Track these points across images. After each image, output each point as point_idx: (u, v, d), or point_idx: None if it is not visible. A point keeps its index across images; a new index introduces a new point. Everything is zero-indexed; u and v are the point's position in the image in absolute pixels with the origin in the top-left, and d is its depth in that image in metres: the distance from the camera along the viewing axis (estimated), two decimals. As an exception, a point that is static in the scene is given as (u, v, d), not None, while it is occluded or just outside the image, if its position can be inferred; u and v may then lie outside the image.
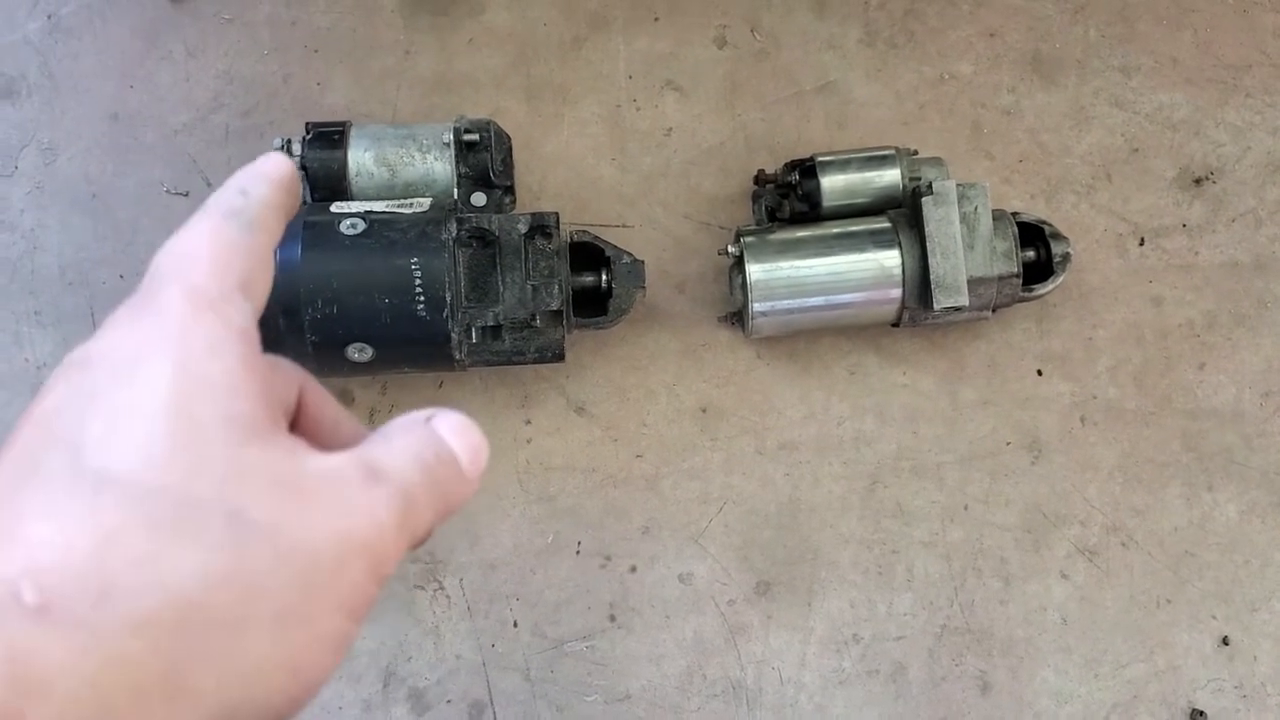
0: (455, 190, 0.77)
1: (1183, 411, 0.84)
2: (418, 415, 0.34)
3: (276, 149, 0.77)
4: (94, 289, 0.85)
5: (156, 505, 0.27)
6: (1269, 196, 0.87)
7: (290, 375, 0.36)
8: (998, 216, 0.78)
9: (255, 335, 0.31)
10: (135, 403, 0.28)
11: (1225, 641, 0.81)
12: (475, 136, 0.77)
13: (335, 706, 0.80)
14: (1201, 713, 0.80)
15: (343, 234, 0.72)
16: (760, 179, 0.84)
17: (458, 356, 0.74)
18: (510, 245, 0.74)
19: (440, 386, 0.84)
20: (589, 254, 0.79)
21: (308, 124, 0.78)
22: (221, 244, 0.32)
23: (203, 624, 0.26)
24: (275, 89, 0.88)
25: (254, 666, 0.27)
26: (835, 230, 0.79)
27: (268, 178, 0.35)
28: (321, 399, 0.37)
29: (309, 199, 0.78)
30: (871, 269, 0.78)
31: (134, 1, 0.89)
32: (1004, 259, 0.77)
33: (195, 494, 0.27)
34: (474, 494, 0.34)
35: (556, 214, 0.76)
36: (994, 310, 0.80)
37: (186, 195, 0.86)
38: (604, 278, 0.78)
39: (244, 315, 0.31)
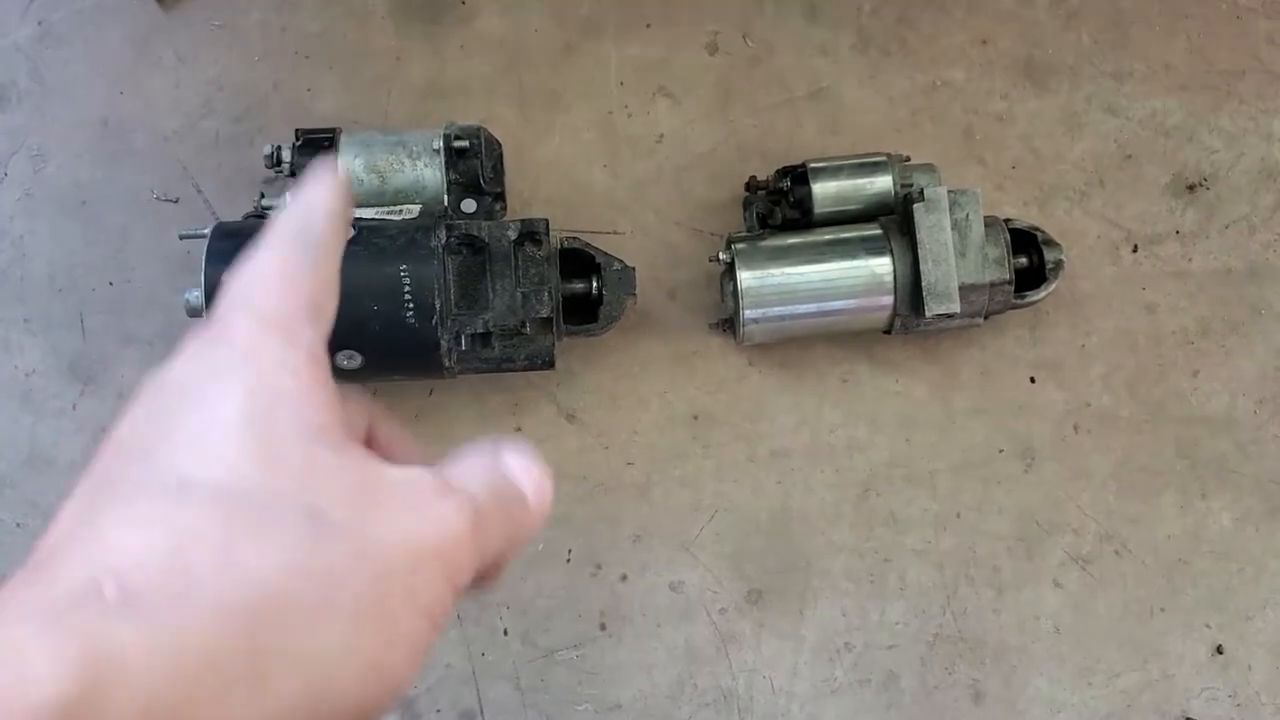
0: (445, 197, 0.77)
1: (1176, 419, 0.84)
2: (486, 444, 0.35)
3: (266, 155, 0.77)
4: (84, 296, 0.84)
5: (236, 505, 0.28)
6: (1262, 203, 0.87)
7: (360, 405, 0.37)
8: (990, 223, 0.78)
9: (325, 358, 0.33)
10: (212, 417, 0.29)
11: (1219, 650, 0.81)
12: (465, 143, 0.77)
13: (324, 716, 0.79)
14: (1195, 722, 0.80)
15: (331, 241, 0.72)
16: (752, 185, 0.84)
17: (447, 364, 0.74)
18: (500, 252, 0.74)
19: (431, 394, 0.84)
20: (580, 261, 0.78)
21: (298, 130, 0.78)
22: (288, 269, 0.33)
23: (282, 615, 0.27)
24: (266, 95, 0.88)
25: (334, 660, 0.28)
26: (827, 237, 0.79)
27: (328, 199, 0.36)
28: (392, 429, 0.38)
29: (298, 206, 0.77)
30: (863, 276, 0.77)
31: (125, 8, 0.88)
32: (996, 266, 0.77)
33: (274, 494, 0.28)
34: (538, 530, 0.35)
35: (546, 220, 0.75)
36: (986, 317, 0.80)
37: (176, 201, 0.86)
38: (595, 284, 0.78)
39: (312, 338, 0.32)
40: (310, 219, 0.35)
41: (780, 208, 0.82)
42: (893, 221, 0.79)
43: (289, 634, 0.27)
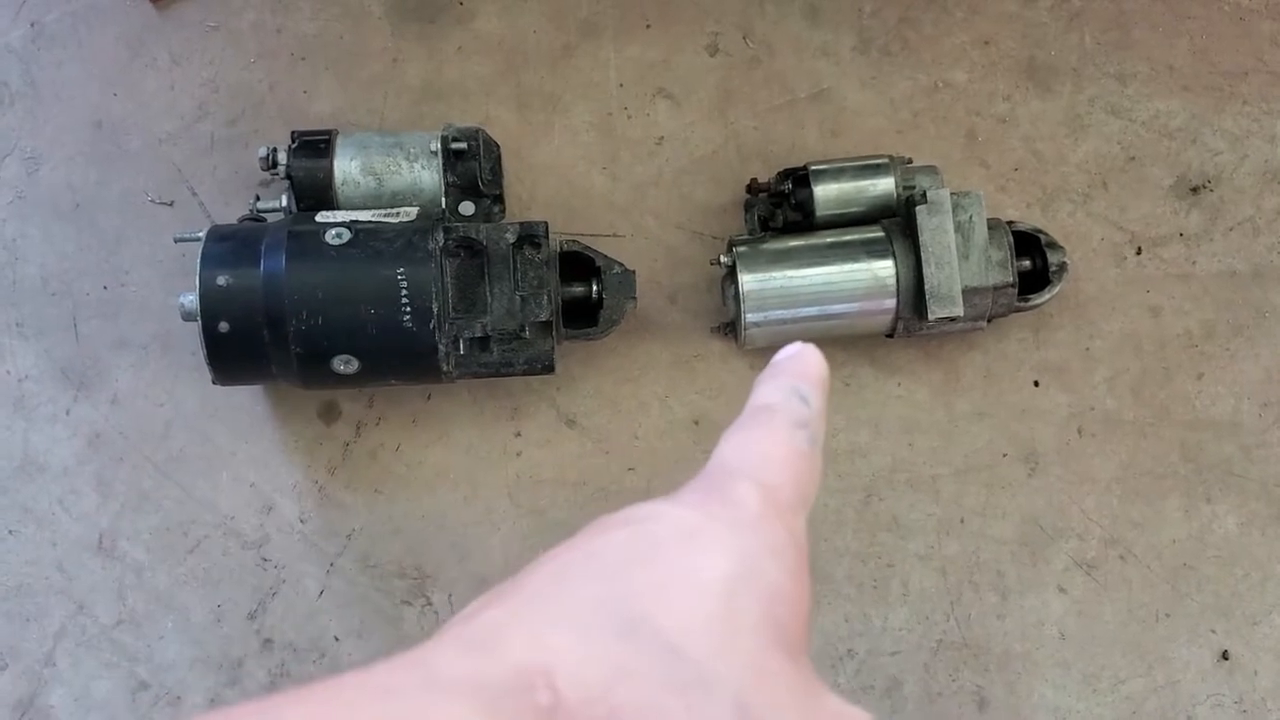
0: (443, 199, 0.76)
1: (1181, 422, 0.83)
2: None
3: (262, 158, 0.76)
4: (77, 299, 0.83)
5: (675, 666, 0.27)
6: (1266, 205, 0.87)
7: None
8: (993, 226, 0.77)
9: (807, 552, 0.33)
10: (690, 570, 0.29)
11: (1225, 656, 0.80)
12: (463, 145, 0.76)
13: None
14: (1201, 729, 0.79)
15: (328, 244, 0.71)
16: (753, 188, 0.83)
17: (445, 368, 0.73)
18: (498, 255, 0.73)
19: (429, 399, 0.83)
20: (579, 264, 0.78)
21: (293, 132, 0.77)
22: (794, 455, 0.34)
23: None
24: (261, 97, 0.87)
25: None
26: (829, 240, 0.78)
27: (823, 384, 0.36)
28: None
29: (294, 208, 0.77)
30: (865, 279, 0.76)
31: (118, 9, 0.87)
32: (999, 269, 0.76)
33: (715, 672, 0.28)
34: None
35: (545, 223, 0.75)
36: (990, 320, 0.79)
37: (171, 204, 0.85)
38: (594, 288, 0.77)
39: (804, 531, 0.33)
40: (810, 405, 0.35)
41: (782, 210, 0.81)
42: (895, 224, 0.78)
43: None
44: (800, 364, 0.37)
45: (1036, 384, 0.84)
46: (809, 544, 0.33)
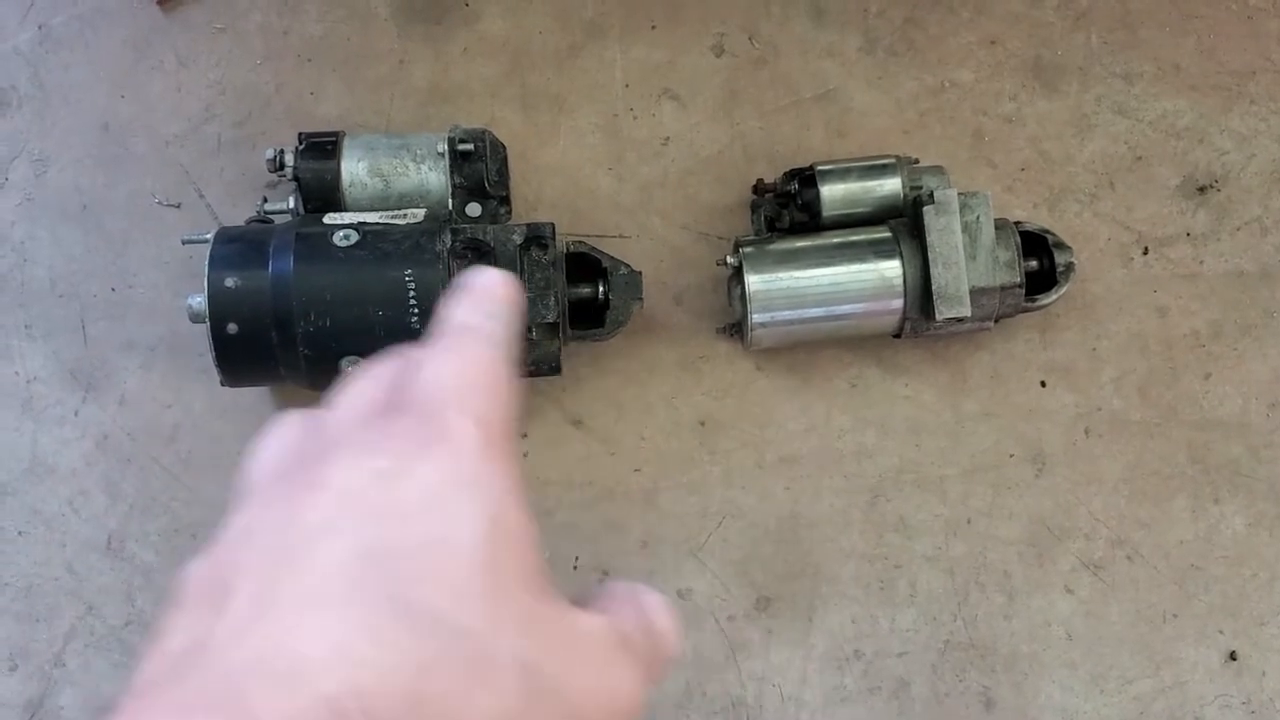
0: (450, 201, 0.76)
1: (1188, 423, 0.83)
2: (629, 588, 0.36)
3: (269, 160, 0.76)
4: (85, 301, 0.83)
5: (468, 647, 0.28)
6: (1274, 204, 0.86)
7: None
8: (1000, 226, 0.77)
9: (520, 477, 0.33)
10: (449, 544, 0.29)
11: (1233, 656, 0.80)
12: (470, 146, 0.76)
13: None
14: (1209, 729, 0.79)
15: (336, 246, 0.71)
16: (759, 188, 0.83)
17: (452, 370, 0.73)
18: (506, 256, 0.73)
19: (435, 400, 0.83)
20: (586, 265, 0.78)
21: (300, 134, 0.77)
22: (498, 379, 0.34)
23: None
24: (268, 99, 0.87)
25: None
26: (835, 240, 0.78)
27: (510, 302, 0.36)
28: None
29: (301, 210, 0.77)
30: (872, 279, 0.76)
31: (125, 11, 0.88)
32: (1006, 269, 0.76)
33: (499, 641, 0.28)
34: (663, 679, 0.36)
35: (552, 224, 0.75)
36: (996, 321, 0.79)
37: (178, 207, 0.85)
38: (601, 289, 0.77)
39: (517, 456, 0.33)
40: (501, 323, 0.35)
41: (788, 211, 0.81)
42: (902, 224, 0.78)
43: None
44: (486, 283, 0.37)
45: (1043, 384, 0.84)
46: (520, 468, 0.33)
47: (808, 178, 0.80)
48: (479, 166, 0.77)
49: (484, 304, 0.36)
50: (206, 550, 0.32)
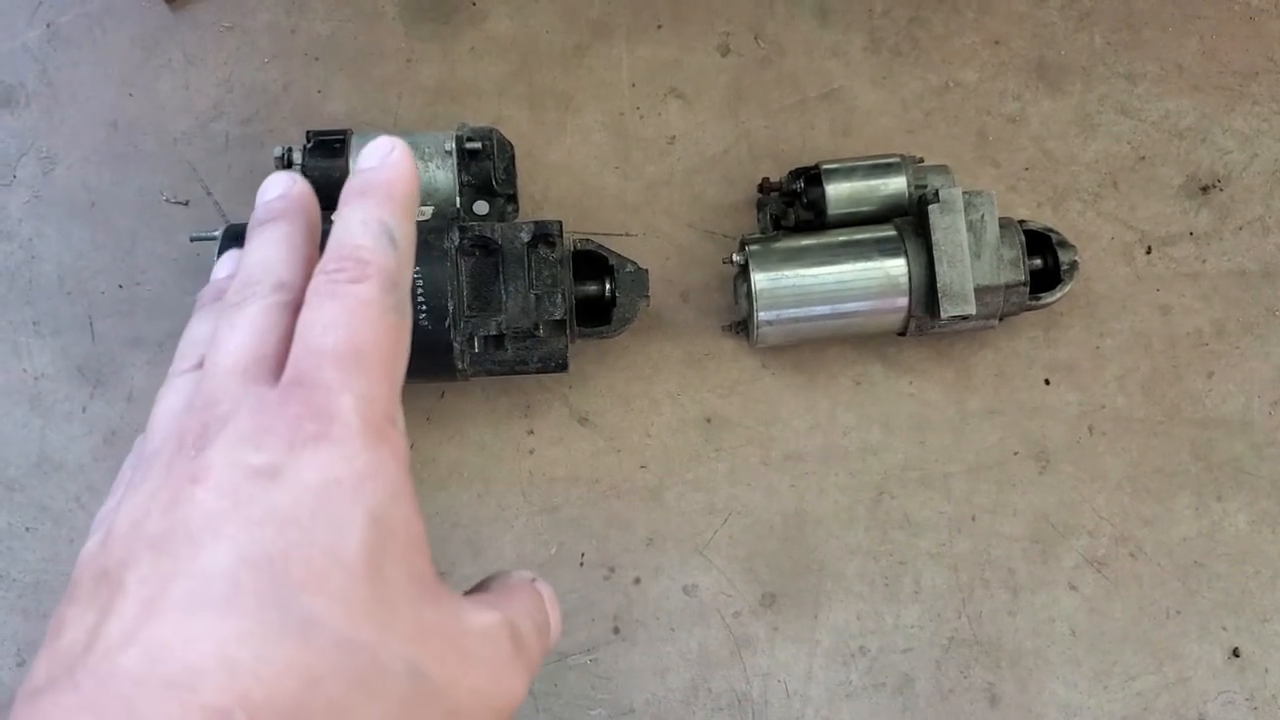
0: (457, 199, 0.76)
1: (1191, 421, 0.84)
2: (524, 575, 0.36)
3: (277, 157, 0.77)
4: (93, 298, 0.84)
5: (354, 657, 0.28)
6: (1277, 204, 0.87)
7: None
8: (1004, 224, 0.77)
9: (406, 455, 0.32)
10: (333, 552, 0.29)
11: (1236, 653, 0.80)
12: (478, 144, 0.77)
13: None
14: (1212, 725, 0.79)
15: (344, 243, 0.71)
16: (765, 187, 0.84)
17: (460, 366, 0.73)
18: (513, 254, 0.74)
19: (443, 396, 0.83)
20: (592, 263, 0.78)
21: (308, 132, 0.77)
22: (387, 335, 0.33)
23: None
24: (275, 97, 0.87)
25: None
26: (841, 238, 0.78)
27: (412, 205, 0.34)
28: None
29: (310, 207, 0.77)
30: (877, 277, 0.77)
31: (133, 9, 0.88)
32: (1011, 267, 0.77)
33: (386, 650, 0.28)
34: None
35: (560, 222, 0.75)
36: (1001, 319, 0.79)
37: (186, 204, 0.85)
38: (608, 287, 0.78)
39: (404, 438, 0.32)
40: (400, 250, 0.33)
41: (793, 209, 0.82)
42: (907, 223, 0.78)
43: None
44: (388, 177, 0.34)
45: (1047, 382, 0.84)
46: (406, 443, 0.32)
47: (813, 176, 0.80)
48: (486, 165, 0.77)
49: (380, 213, 0.33)
50: (99, 531, 0.31)
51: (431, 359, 0.73)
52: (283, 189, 0.37)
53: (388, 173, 0.35)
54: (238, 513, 0.29)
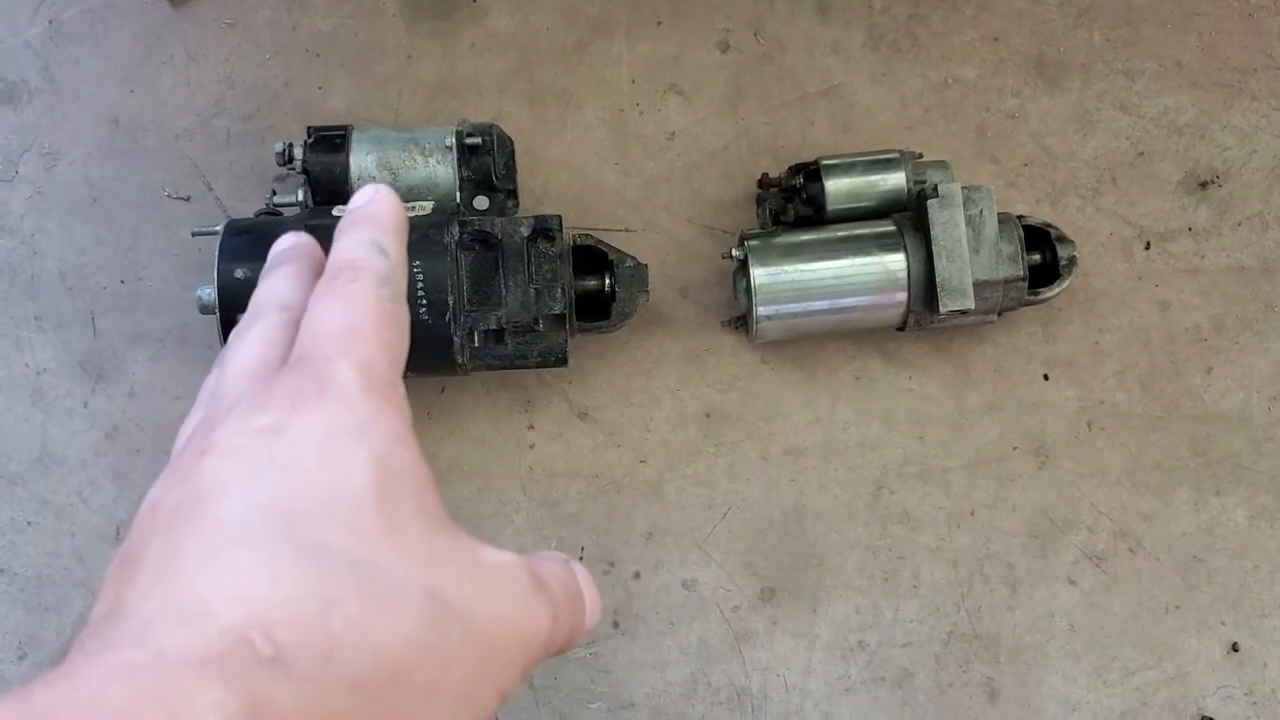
0: (458, 194, 0.77)
1: (1190, 416, 0.84)
2: (559, 555, 0.37)
3: (278, 153, 0.77)
4: (94, 294, 0.84)
5: (370, 577, 0.28)
6: (1275, 200, 0.87)
7: None
8: (1003, 220, 0.78)
9: (409, 415, 0.34)
10: (341, 486, 0.30)
11: (1235, 648, 0.81)
12: (478, 140, 0.77)
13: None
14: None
15: (345, 237, 0.71)
16: (764, 182, 0.84)
17: (460, 360, 0.74)
18: (513, 249, 0.74)
19: (443, 391, 0.83)
20: (592, 258, 0.78)
21: (309, 128, 0.78)
22: (383, 319, 0.34)
23: (405, 689, 0.28)
24: (277, 93, 0.87)
25: None
26: (840, 234, 0.78)
27: (400, 231, 0.37)
28: None
29: (310, 203, 0.77)
30: (877, 272, 0.77)
31: (135, 6, 0.88)
32: (1010, 262, 0.77)
33: (402, 572, 0.29)
34: (586, 638, 0.37)
35: (559, 217, 0.75)
36: (1000, 314, 0.80)
37: (188, 200, 0.86)
38: (607, 282, 0.78)
39: (402, 397, 0.34)
40: (389, 256, 0.35)
41: (793, 205, 0.82)
42: (906, 218, 0.78)
43: (408, 707, 0.28)
44: (375, 210, 0.37)
45: (1046, 377, 0.84)
46: (410, 409, 0.34)
47: (813, 172, 0.80)
48: (487, 160, 0.77)
49: (370, 234, 0.36)
50: (125, 535, 0.33)
51: (432, 353, 0.73)
52: (290, 241, 0.40)
53: (376, 207, 0.38)
54: (244, 467, 0.30)
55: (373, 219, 0.37)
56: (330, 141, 0.77)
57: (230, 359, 0.35)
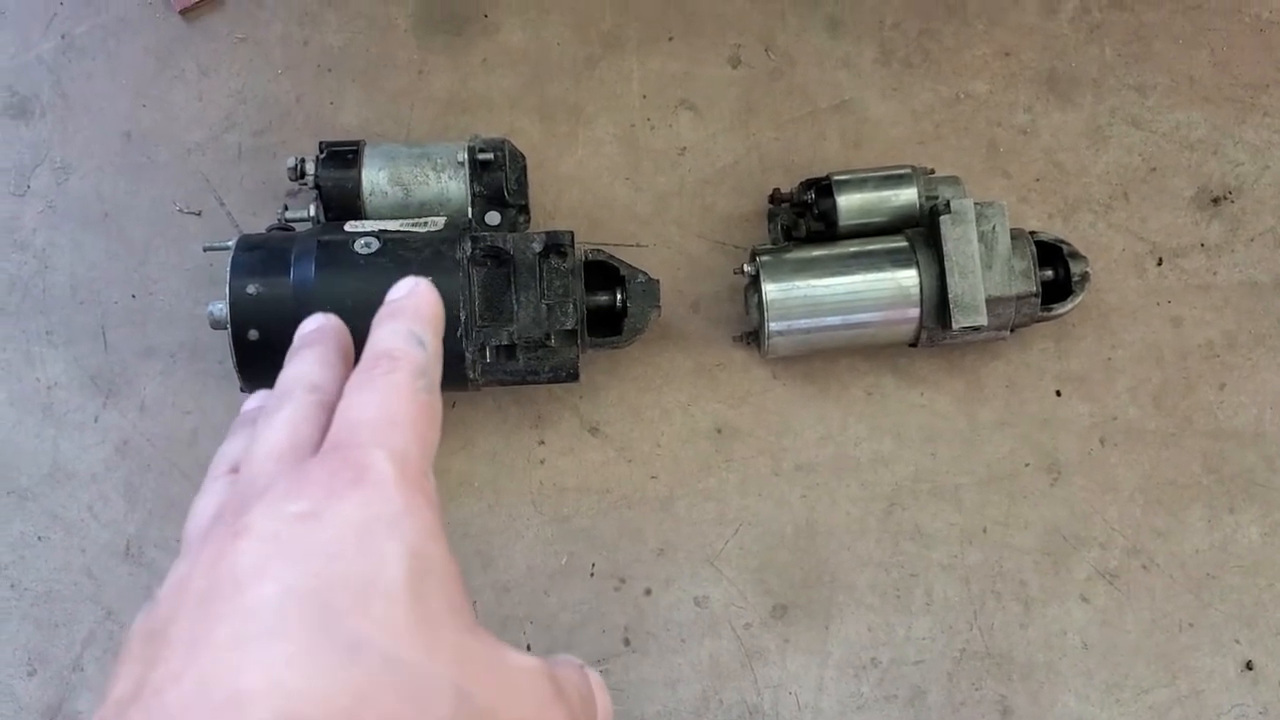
0: (470, 209, 0.77)
1: (1203, 432, 0.83)
2: (574, 660, 0.37)
3: (290, 168, 0.77)
4: (106, 308, 0.84)
5: (402, 675, 0.28)
6: (1288, 216, 0.87)
7: None
8: (1016, 235, 0.77)
9: (440, 506, 0.34)
10: (376, 578, 0.29)
11: (1249, 666, 0.80)
12: (490, 155, 0.77)
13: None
14: (1226, 739, 0.79)
15: (357, 253, 0.72)
16: (776, 198, 0.84)
17: (472, 376, 0.73)
18: (525, 264, 0.74)
19: (454, 406, 0.83)
20: (604, 273, 0.78)
21: (321, 143, 0.78)
22: (418, 410, 0.34)
23: None
24: (288, 108, 0.88)
25: None
26: (852, 249, 0.78)
27: (437, 323, 0.37)
28: None
29: (322, 218, 0.77)
30: (889, 288, 0.77)
31: (147, 21, 0.89)
32: (1022, 278, 0.77)
33: (432, 670, 0.29)
34: None
35: (571, 233, 0.75)
36: (1012, 330, 0.79)
37: (199, 214, 0.86)
38: (619, 297, 0.78)
39: (434, 488, 0.34)
40: (426, 348, 0.36)
41: (804, 220, 0.82)
42: (918, 234, 0.78)
43: None
44: (415, 303, 0.38)
45: (1059, 394, 0.84)
46: (442, 501, 0.34)
47: (824, 187, 0.80)
48: (498, 175, 0.77)
49: (409, 325, 0.37)
50: (147, 606, 0.32)
51: (444, 369, 0.73)
52: (318, 323, 0.41)
53: (415, 299, 0.38)
54: (280, 554, 0.30)
55: (412, 311, 0.37)
56: (342, 157, 0.77)
57: (259, 439, 0.35)
